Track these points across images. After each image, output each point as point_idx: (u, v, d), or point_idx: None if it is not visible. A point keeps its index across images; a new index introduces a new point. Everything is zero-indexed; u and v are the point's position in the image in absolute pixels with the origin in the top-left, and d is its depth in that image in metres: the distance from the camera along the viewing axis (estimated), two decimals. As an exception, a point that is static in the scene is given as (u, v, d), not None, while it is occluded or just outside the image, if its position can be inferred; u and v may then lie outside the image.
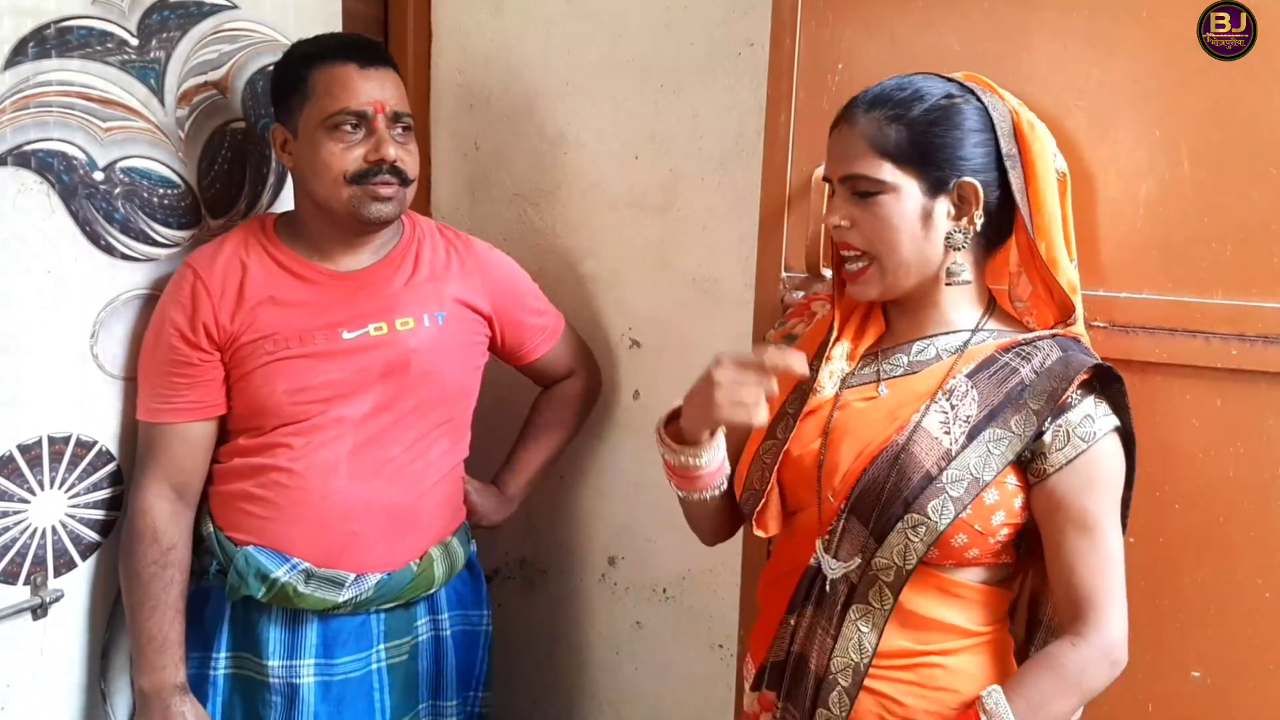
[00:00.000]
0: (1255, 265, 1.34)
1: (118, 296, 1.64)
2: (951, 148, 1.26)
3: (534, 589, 2.16)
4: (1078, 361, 1.25)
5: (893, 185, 1.26)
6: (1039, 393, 1.24)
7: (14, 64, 1.48)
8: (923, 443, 1.25)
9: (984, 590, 1.30)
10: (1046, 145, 1.30)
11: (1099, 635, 1.23)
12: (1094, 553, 1.24)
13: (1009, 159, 1.27)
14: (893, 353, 1.35)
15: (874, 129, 1.27)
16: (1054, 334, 1.30)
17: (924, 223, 1.27)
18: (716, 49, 1.82)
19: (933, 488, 1.23)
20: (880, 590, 1.27)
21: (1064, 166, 1.33)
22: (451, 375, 1.72)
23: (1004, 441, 1.24)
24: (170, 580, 1.60)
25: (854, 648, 1.28)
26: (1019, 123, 1.30)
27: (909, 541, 1.24)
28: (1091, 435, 1.23)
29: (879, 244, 1.29)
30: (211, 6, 1.72)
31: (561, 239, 2.03)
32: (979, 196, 1.26)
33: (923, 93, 1.28)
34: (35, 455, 1.57)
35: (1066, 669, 1.23)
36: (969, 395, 1.27)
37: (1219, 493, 1.38)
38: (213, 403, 1.63)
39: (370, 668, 1.69)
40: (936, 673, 1.28)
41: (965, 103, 1.28)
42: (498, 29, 2.02)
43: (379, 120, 1.58)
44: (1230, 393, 1.36)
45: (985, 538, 1.25)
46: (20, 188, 1.51)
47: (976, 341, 1.31)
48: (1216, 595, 1.40)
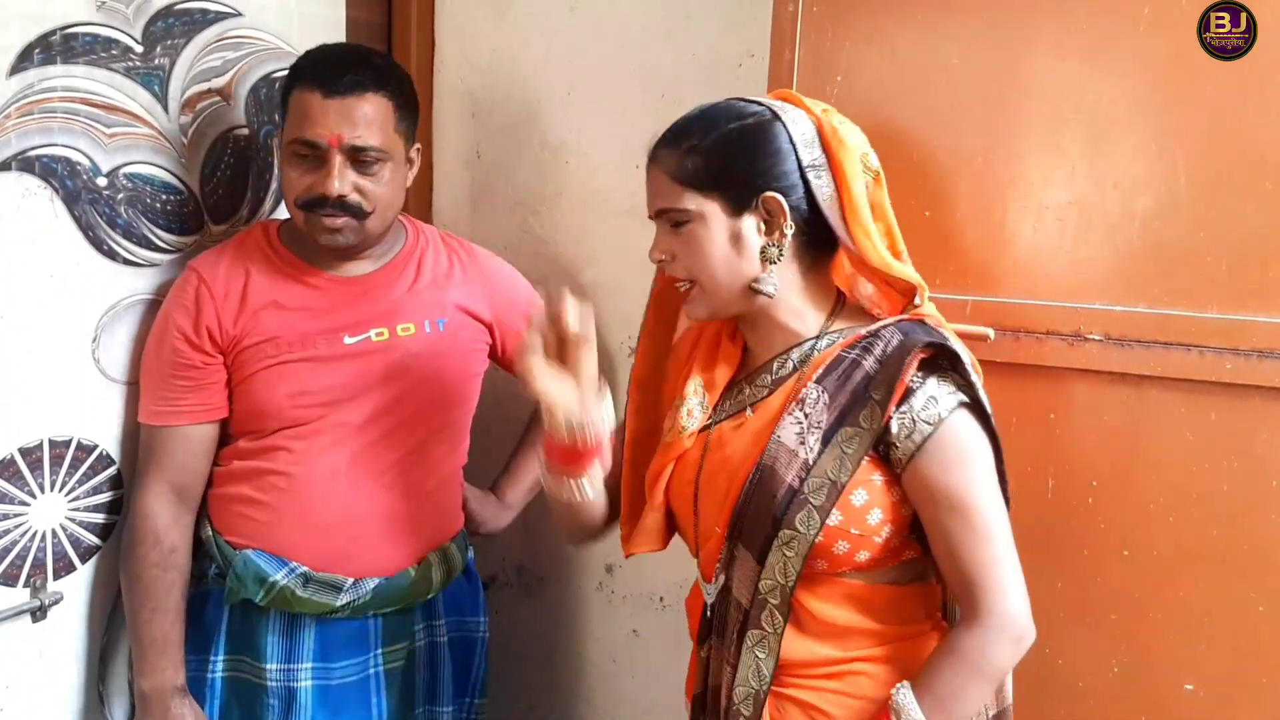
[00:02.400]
0: (1250, 280, 1.34)
1: (120, 301, 1.65)
2: (747, 166, 1.28)
3: (531, 596, 2.16)
4: (913, 341, 1.23)
5: (697, 213, 1.29)
6: (880, 382, 1.23)
7: (19, 70, 1.49)
8: (782, 457, 1.25)
9: (891, 590, 1.29)
10: (853, 149, 1.29)
11: (991, 615, 1.20)
12: (970, 532, 1.21)
13: (809, 169, 1.28)
14: (757, 375, 1.35)
15: (673, 162, 1.31)
16: (899, 320, 1.30)
17: (734, 243, 1.29)
18: (717, 60, 1.82)
19: (797, 500, 1.22)
20: (770, 613, 1.25)
21: (876, 165, 1.32)
22: (452, 382, 1.73)
23: (855, 440, 1.22)
24: (171, 583, 1.60)
25: (753, 675, 1.27)
26: (824, 130, 1.30)
27: (786, 557, 1.23)
28: (936, 417, 1.22)
29: (695, 270, 1.32)
30: (216, 14, 1.73)
31: (562, 247, 2.03)
32: (784, 209, 1.26)
33: (715, 119, 1.31)
34: (36, 458, 1.58)
35: (967, 654, 1.20)
36: (820, 400, 1.26)
37: (1213, 506, 1.38)
38: (215, 406, 1.63)
39: (368, 672, 1.69)
40: (861, 680, 1.27)
41: (760, 122, 1.29)
42: (500, 38, 2.03)
43: (332, 154, 1.55)
44: (1224, 407, 1.36)
45: (868, 539, 1.24)
46: (24, 193, 1.52)
47: (825, 345, 1.31)
48: (1209, 609, 1.39)
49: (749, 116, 1.30)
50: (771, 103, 1.32)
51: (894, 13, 1.52)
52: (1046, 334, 1.38)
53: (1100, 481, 1.31)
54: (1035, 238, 1.45)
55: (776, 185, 1.27)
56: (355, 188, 1.57)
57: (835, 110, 1.33)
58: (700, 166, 1.29)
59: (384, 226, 1.65)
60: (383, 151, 1.58)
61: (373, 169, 1.58)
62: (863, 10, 1.54)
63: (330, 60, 1.59)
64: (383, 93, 1.58)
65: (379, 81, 1.58)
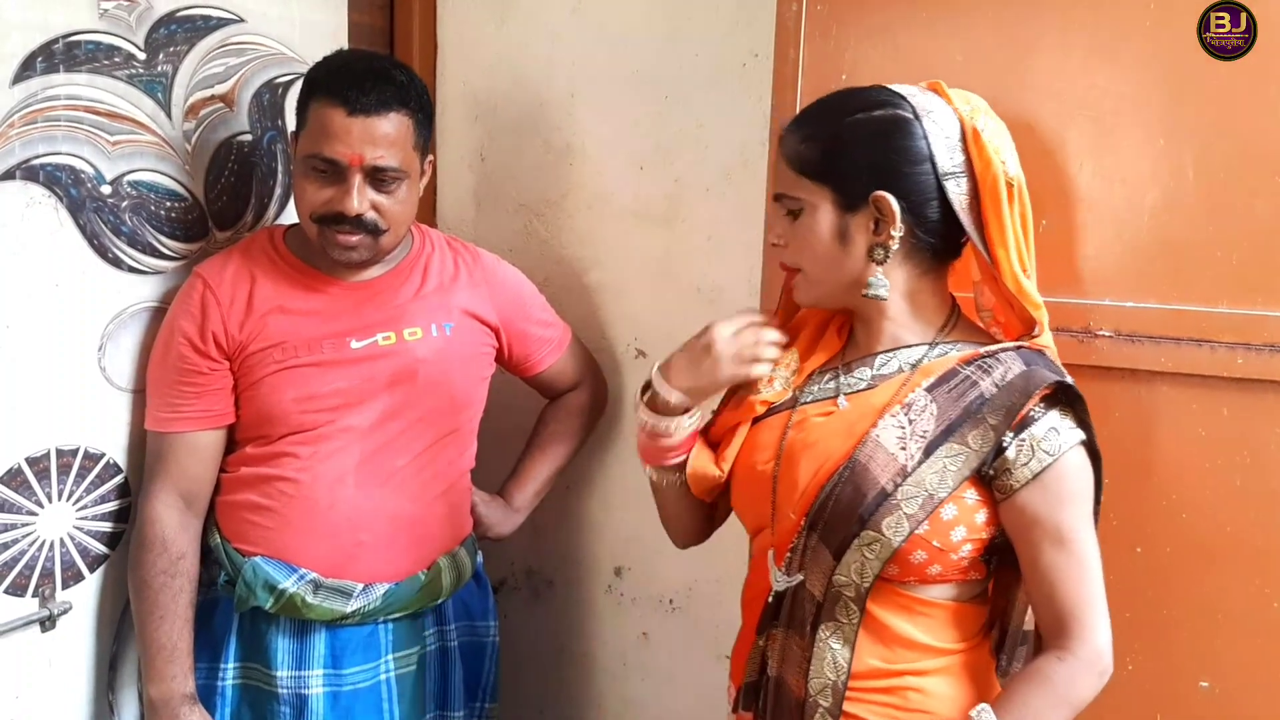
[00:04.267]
0: (1261, 274, 1.34)
1: (125, 309, 1.65)
2: (865, 162, 1.24)
3: (540, 600, 2.16)
4: (1039, 377, 1.22)
5: (809, 202, 1.27)
6: (998, 407, 1.21)
7: (22, 79, 1.49)
8: (879, 458, 1.23)
9: (952, 608, 1.28)
10: (994, 156, 1.25)
11: (1085, 647, 1.21)
12: (1073, 565, 1.21)
13: (946, 176, 1.24)
14: (856, 366, 1.33)
15: (793, 148, 1.29)
16: (1018, 346, 1.27)
17: (840, 238, 1.27)
18: (721, 60, 1.82)
19: (888, 504, 1.21)
20: (846, 605, 1.25)
21: (1015, 173, 1.27)
22: (458, 385, 1.72)
23: (960, 457, 1.22)
24: (179, 590, 1.60)
25: (829, 666, 1.26)
26: (967, 133, 1.26)
27: (865, 559, 1.23)
28: (1058, 448, 1.21)
29: (800, 259, 1.31)
30: (218, 20, 1.72)
31: (567, 250, 2.03)
32: (894, 210, 1.23)
33: (844, 107, 1.28)
34: (43, 468, 1.57)
35: (1055, 683, 1.20)
36: (927, 410, 1.24)
37: (1225, 502, 1.37)
38: (221, 412, 1.63)
39: (379, 678, 1.69)
40: (911, 694, 1.26)
41: (891, 117, 1.25)
42: (503, 40, 2.03)
43: (352, 174, 1.54)
44: (1236, 402, 1.36)
45: (946, 554, 1.23)
46: (29, 201, 1.52)
47: (937, 354, 1.29)
48: (1223, 605, 1.39)
49: (881, 108, 1.26)
50: (916, 97, 1.27)
51: (898, 11, 1.51)
52: (1057, 330, 1.37)
53: (1112, 478, 1.30)
54: (1043, 234, 1.44)
55: (895, 186, 1.23)
56: (373, 206, 1.57)
57: (984, 108, 1.29)
58: (816, 156, 1.26)
59: (397, 241, 1.65)
60: (401, 171, 1.58)
61: (390, 187, 1.58)
62: (867, 9, 1.54)
63: (353, 75, 1.57)
64: (404, 110, 1.57)
65: (401, 99, 1.57)
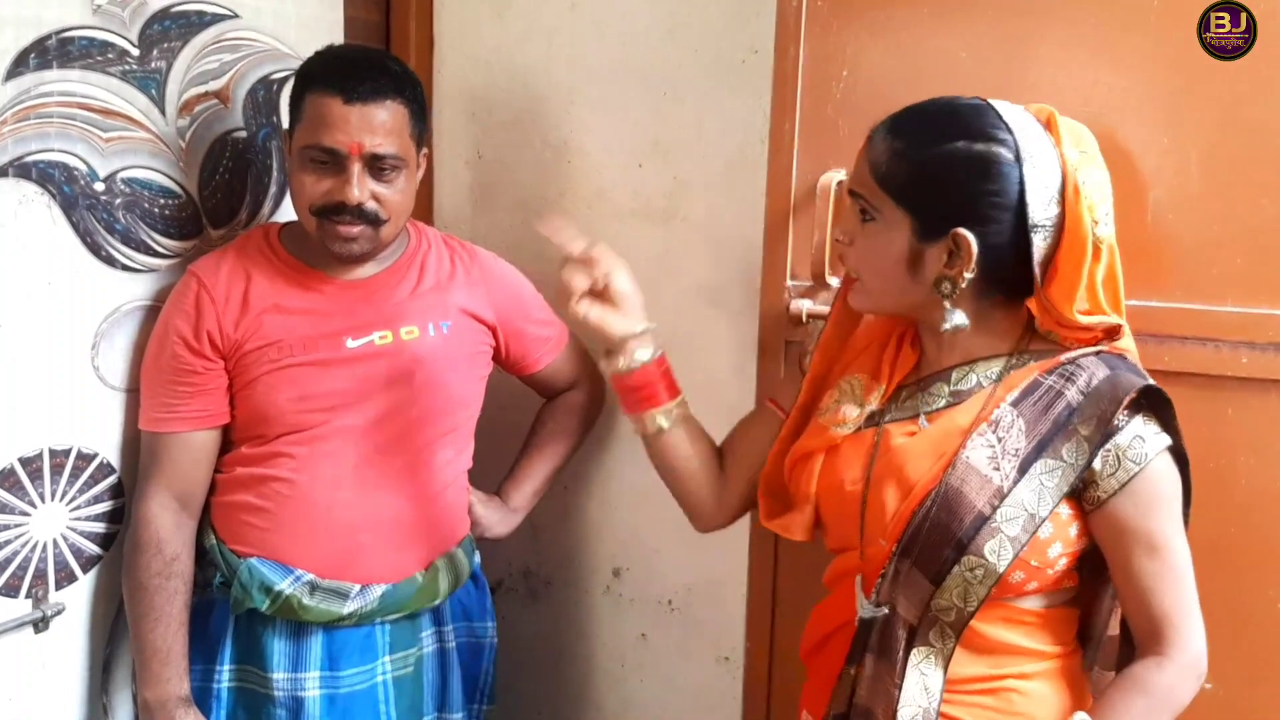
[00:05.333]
0: (1266, 272, 1.34)
1: (119, 308, 1.64)
2: (953, 198, 1.20)
3: (538, 600, 2.15)
4: (1126, 382, 1.19)
5: (886, 217, 1.23)
6: (1088, 417, 1.19)
7: (15, 75, 1.47)
8: (972, 481, 1.20)
9: (1047, 614, 1.27)
10: (1086, 215, 1.19)
11: (1183, 653, 1.21)
12: (1166, 571, 1.21)
13: (1034, 229, 1.19)
14: (931, 382, 1.30)
15: (884, 156, 1.23)
16: (1098, 350, 1.25)
17: (911, 263, 1.23)
18: (721, 56, 1.81)
19: (987, 528, 1.19)
20: (942, 630, 1.24)
21: (1105, 233, 1.22)
22: (456, 385, 1.71)
23: (1057, 473, 1.20)
24: (174, 591, 1.58)
25: (920, 693, 1.24)
26: (1068, 187, 1.20)
27: (968, 584, 1.21)
28: (1143, 456, 1.19)
29: (863, 269, 1.28)
30: (213, 16, 1.71)
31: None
32: (973, 253, 1.19)
33: (944, 129, 1.22)
34: (36, 468, 1.56)
35: (1156, 689, 1.20)
36: (1015, 425, 1.22)
37: (1230, 502, 1.37)
38: (216, 411, 1.62)
39: (376, 680, 1.68)
40: (1014, 697, 1.26)
41: (992, 157, 1.19)
42: (500, 36, 2.02)
43: (352, 163, 1.53)
44: (1241, 402, 1.36)
45: (1043, 571, 1.22)
46: (21, 199, 1.50)
47: (1016, 366, 1.27)
48: (1227, 606, 1.38)
49: (983, 142, 1.19)
50: (1023, 134, 1.20)
51: (899, 7, 1.51)
52: (1059, 331, 1.37)
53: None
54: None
55: (979, 227, 1.19)
56: (373, 195, 1.56)
57: (1093, 152, 1.23)
58: (905, 177, 1.21)
59: (396, 233, 1.64)
60: (400, 159, 1.57)
61: (389, 176, 1.57)
62: (868, 5, 1.53)
63: (348, 64, 1.57)
64: (400, 99, 1.57)
65: (396, 88, 1.57)
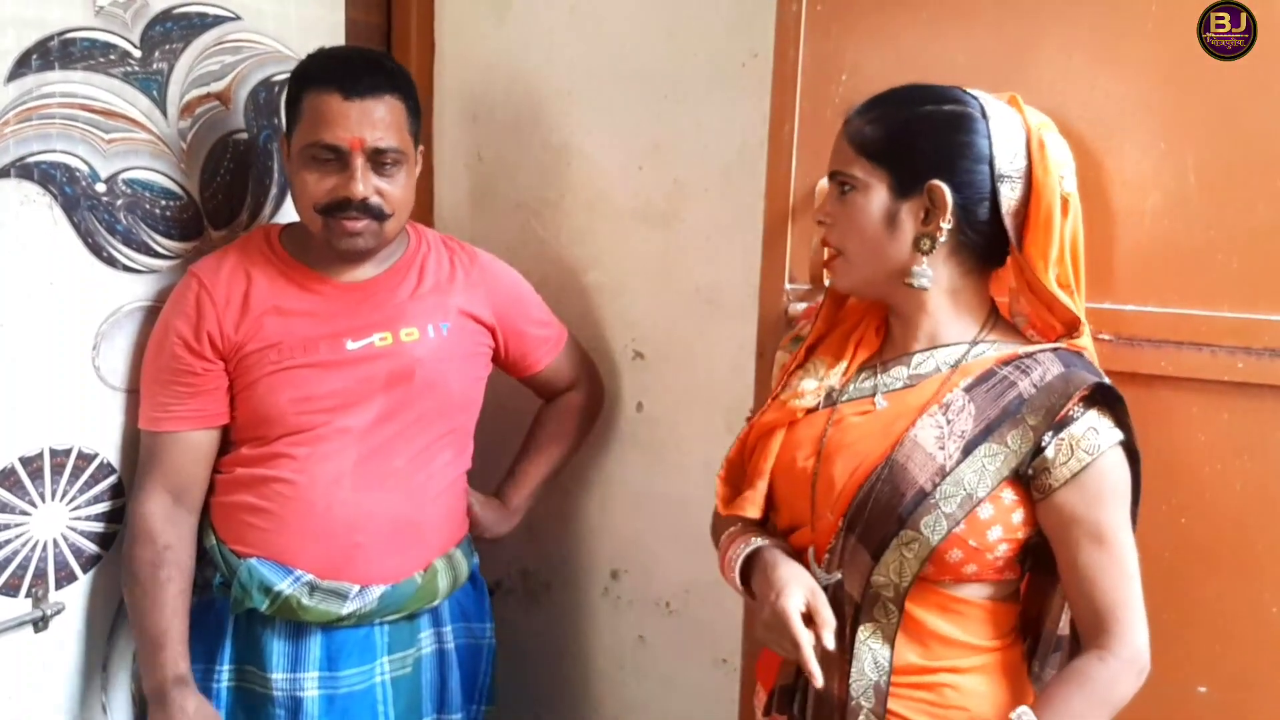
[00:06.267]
0: (1262, 278, 1.34)
1: (119, 308, 1.64)
2: (926, 150, 1.26)
3: (536, 602, 2.15)
4: (1078, 378, 1.23)
5: (863, 181, 1.28)
6: (1037, 408, 1.22)
7: (17, 76, 1.48)
8: (916, 457, 1.24)
9: (987, 606, 1.29)
10: (1054, 168, 1.27)
11: (1125, 647, 1.22)
12: (1112, 565, 1.22)
13: (1002, 178, 1.25)
14: (893, 365, 1.34)
15: (858, 128, 1.29)
16: (1055, 347, 1.29)
17: (888, 222, 1.28)
18: (720, 60, 1.81)
19: (926, 503, 1.22)
20: (884, 605, 1.26)
21: (1071, 188, 1.29)
22: (455, 386, 1.72)
23: (999, 457, 1.23)
24: (167, 578, 1.58)
25: (870, 666, 1.26)
26: (1031, 141, 1.27)
27: (904, 559, 1.23)
28: (1096, 448, 1.22)
29: (845, 238, 1.32)
30: (214, 18, 1.72)
31: (565, 250, 2.02)
32: (947, 202, 1.24)
33: (914, 97, 1.29)
34: (37, 468, 1.57)
35: (1096, 683, 1.21)
36: (966, 410, 1.25)
37: (1225, 507, 1.37)
38: (215, 412, 1.62)
39: (374, 680, 1.68)
40: (948, 692, 1.27)
41: (959, 113, 1.26)
42: (501, 39, 2.02)
43: (354, 157, 1.55)
44: (1237, 407, 1.35)
45: (982, 554, 1.24)
46: (23, 200, 1.51)
47: (975, 354, 1.30)
48: (1222, 610, 1.39)
49: (950, 103, 1.27)
50: (987, 100, 1.29)
51: (899, 11, 1.51)
52: (1056, 334, 1.37)
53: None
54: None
55: (952, 178, 1.25)
56: (376, 190, 1.58)
57: (1052, 126, 1.31)
58: (879, 137, 1.27)
59: (399, 230, 1.65)
60: (401, 153, 1.59)
61: (391, 171, 1.59)
62: (867, 9, 1.53)
63: (345, 62, 1.60)
64: (397, 94, 1.59)
65: (393, 84, 1.59)
